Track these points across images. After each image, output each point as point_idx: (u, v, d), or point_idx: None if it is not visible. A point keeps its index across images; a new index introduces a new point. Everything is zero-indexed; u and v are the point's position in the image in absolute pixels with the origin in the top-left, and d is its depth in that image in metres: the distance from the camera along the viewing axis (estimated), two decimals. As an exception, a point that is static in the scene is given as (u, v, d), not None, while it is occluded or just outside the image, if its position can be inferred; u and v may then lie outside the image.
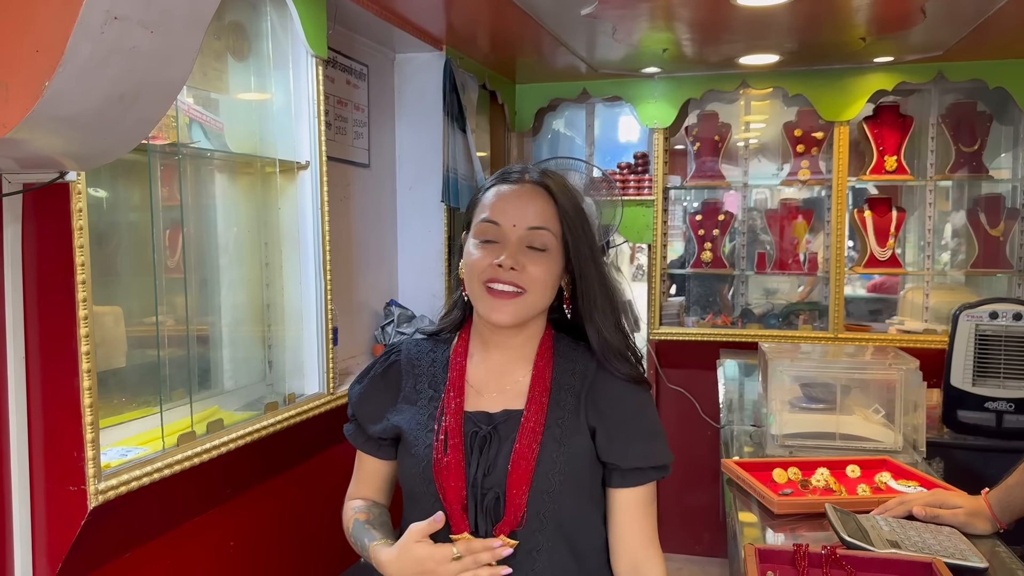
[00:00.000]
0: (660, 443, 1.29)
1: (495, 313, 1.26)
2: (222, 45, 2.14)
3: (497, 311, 1.25)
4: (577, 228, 1.29)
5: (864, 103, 3.63)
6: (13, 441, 1.51)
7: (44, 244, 1.50)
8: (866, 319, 3.96)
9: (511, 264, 1.24)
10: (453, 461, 1.23)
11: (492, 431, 1.25)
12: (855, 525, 1.58)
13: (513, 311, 1.25)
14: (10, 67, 1.08)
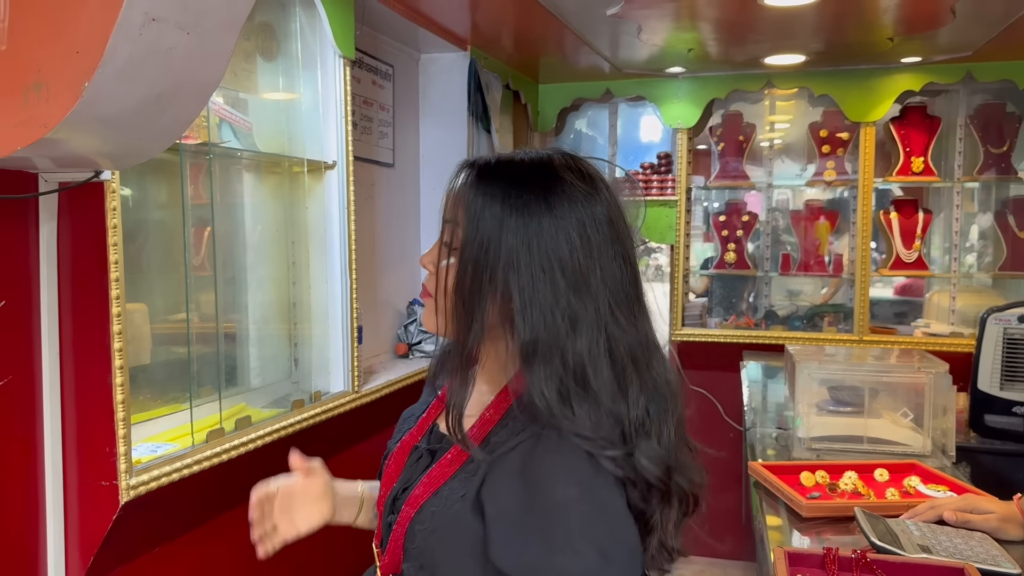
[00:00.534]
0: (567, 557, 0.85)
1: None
2: (252, 45, 2.15)
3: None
4: (482, 211, 0.93)
5: (891, 104, 3.60)
6: (47, 436, 1.53)
7: (78, 242, 1.51)
8: (891, 322, 3.93)
9: (424, 263, 1.04)
10: (391, 469, 1.08)
11: (427, 452, 1.04)
12: (885, 529, 1.57)
13: (424, 319, 1.04)
14: (50, 68, 1.10)
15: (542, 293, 0.91)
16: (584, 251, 0.92)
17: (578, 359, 0.90)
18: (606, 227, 0.94)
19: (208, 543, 1.92)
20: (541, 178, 0.95)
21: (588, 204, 0.94)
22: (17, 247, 1.46)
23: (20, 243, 1.46)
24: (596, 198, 0.95)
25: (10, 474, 1.46)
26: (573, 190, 0.94)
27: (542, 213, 0.92)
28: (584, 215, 0.93)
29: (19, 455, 1.48)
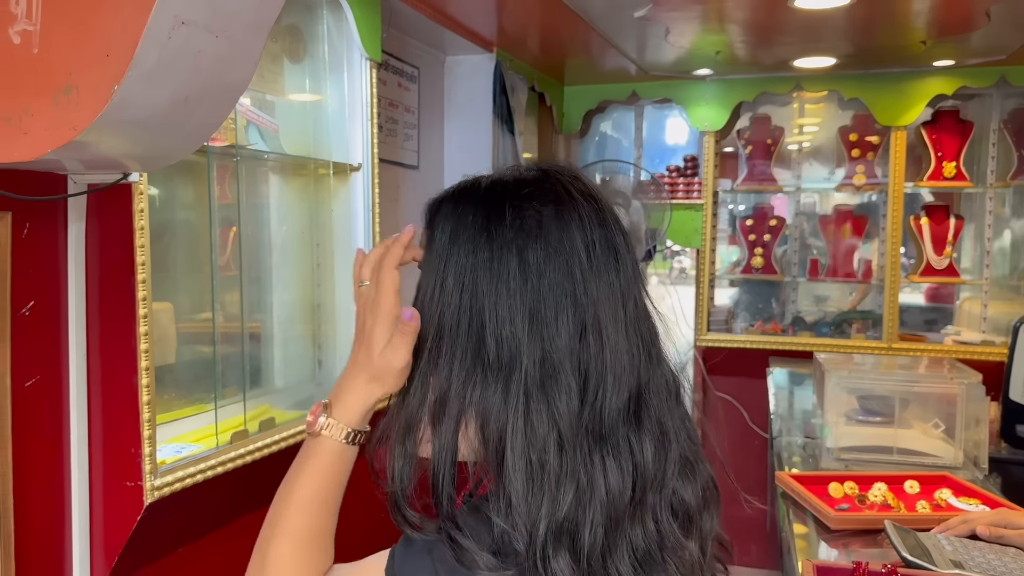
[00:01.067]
0: None
1: None
2: (278, 48, 2.16)
3: None
4: (433, 254, 0.84)
5: (923, 108, 3.55)
6: (73, 436, 1.54)
7: (106, 243, 1.52)
8: (921, 329, 3.87)
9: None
10: None
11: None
12: (916, 543, 1.54)
13: None
14: (80, 71, 1.10)
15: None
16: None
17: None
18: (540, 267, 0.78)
19: (231, 544, 1.92)
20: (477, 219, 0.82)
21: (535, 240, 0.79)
22: (46, 248, 1.47)
23: (49, 244, 1.47)
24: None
25: (37, 473, 1.46)
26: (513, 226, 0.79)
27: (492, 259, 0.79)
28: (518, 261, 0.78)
29: (46, 454, 1.49)
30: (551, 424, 0.73)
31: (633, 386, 0.78)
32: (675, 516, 0.78)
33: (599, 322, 0.77)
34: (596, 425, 0.75)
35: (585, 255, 0.78)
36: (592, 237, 0.79)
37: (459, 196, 0.86)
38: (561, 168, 0.85)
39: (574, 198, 0.81)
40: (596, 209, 0.81)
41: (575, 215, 0.80)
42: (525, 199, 0.80)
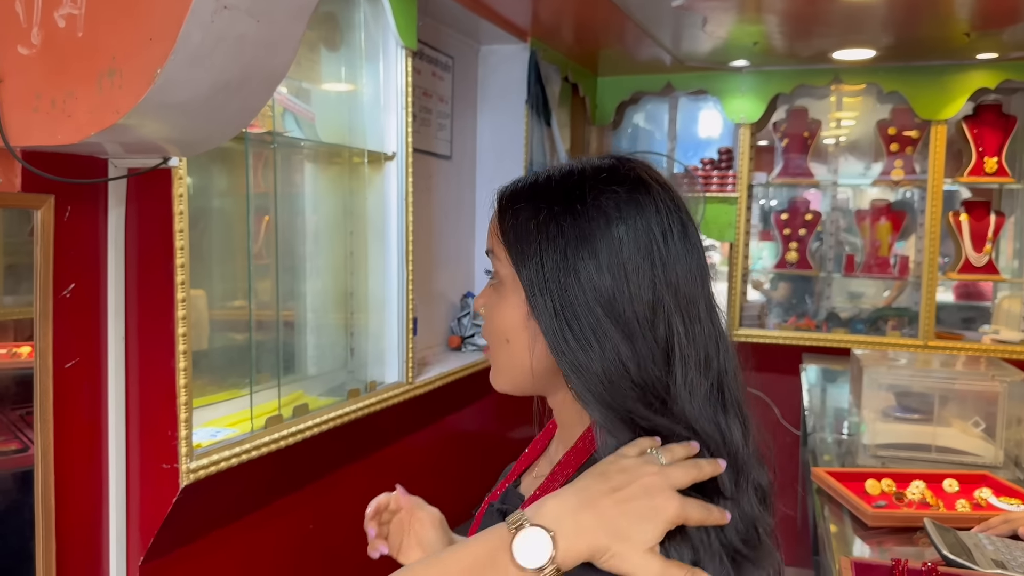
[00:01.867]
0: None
1: None
2: (316, 36, 2.16)
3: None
4: (521, 239, 0.82)
5: (964, 101, 3.48)
6: (111, 418, 1.56)
7: (145, 227, 1.54)
8: (957, 327, 3.80)
9: (476, 307, 0.92)
10: (474, 527, 0.97)
11: (499, 514, 0.91)
12: (956, 542, 1.51)
13: (491, 373, 0.90)
14: (124, 55, 1.11)
15: (590, 323, 0.78)
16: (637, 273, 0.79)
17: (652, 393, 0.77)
18: (662, 241, 0.80)
19: (263, 528, 1.93)
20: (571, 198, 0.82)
21: (639, 217, 0.81)
22: (87, 231, 1.48)
23: (90, 227, 1.49)
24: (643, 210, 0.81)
25: (76, 454, 1.49)
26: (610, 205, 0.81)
27: (580, 237, 0.80)
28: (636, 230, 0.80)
29: (85, 435, 1.51)
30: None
31: (715, 371, 0.80)
32: (762, 501, 0.80)
33: (678, 306, 0.79)
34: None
35: (662, 239, 0.80)
36: (668, 223, 0.81)
37: (536, 187, 0.85)
38: (633, 158, 0.86)
39: (649, 184, 0.82)
40: (671, 196, 0.83)
41: (651, 200, 0.81)
42: (603, 183, 0.82)
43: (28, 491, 1.39)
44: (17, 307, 1.42)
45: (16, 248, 1.41)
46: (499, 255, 0.85)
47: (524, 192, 0.86)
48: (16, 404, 1.42)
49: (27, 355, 1.40)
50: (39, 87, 1.16)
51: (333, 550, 2.19)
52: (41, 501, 1.39)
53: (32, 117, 1.17)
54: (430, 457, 2.69)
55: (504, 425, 3.22)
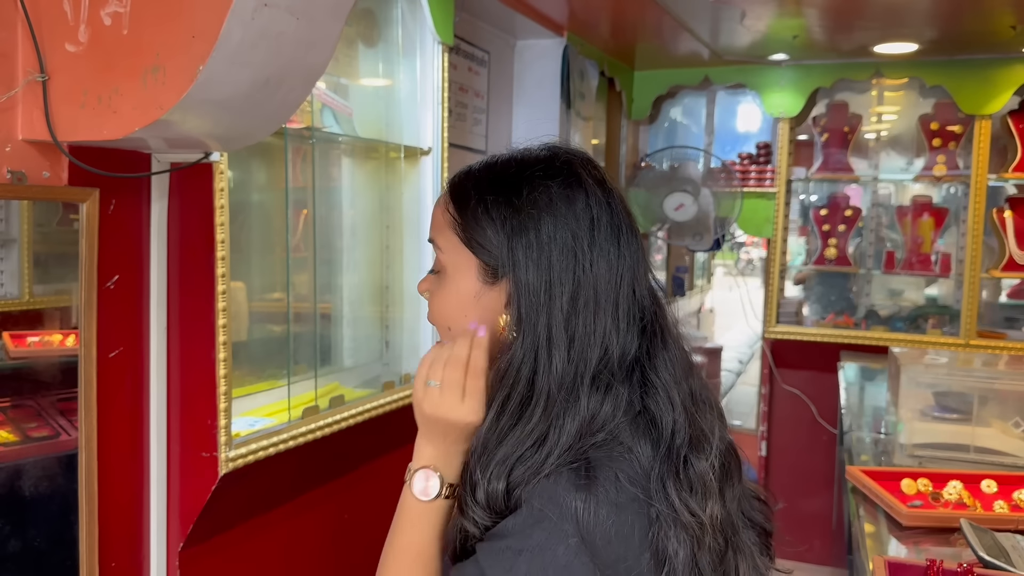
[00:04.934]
0: None
1: None
2: (353, 32, 2.18)
3: None
4: (470, 228, 0.90)
5: (1010, 96, 3.41)
6: (153, 407, 1.59)
7: (187, 220, 1.57)
8: (1001, 326, 3.72)
9: (420, 291, 0.99)
10: None
11: None
12: (993, 543, 1.49)
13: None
14: (168, 52, 1.14)
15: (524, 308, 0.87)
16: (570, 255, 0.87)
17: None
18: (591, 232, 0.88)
19: (298, 517, 1.97)
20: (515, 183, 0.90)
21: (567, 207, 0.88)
22: (131, 224, 1.52)
23: (133, 220, 1.52)
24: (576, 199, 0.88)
25: (119, 442, 1.52)
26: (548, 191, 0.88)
27: (517, 229, 0.88)
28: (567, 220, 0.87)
29: (127, 424, 1.55)
30: (545, 381, 0.84)
31: (617, 354, 0.85)
32: (691, 490, 0.83)
33: (595, 294, 0.85)
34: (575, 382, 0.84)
35: (588, 231, 0.86)
36: (595, 214, 0.87)
37: (482, 173, 0.93)
38: (572, 149, 0.93)
39: (582, 178, 0.88)
40: (603, 190, 0.89)
41: (582, 193, 0.87)
42: (538, 176, 0.88)
43: (59, 477, 1.43)
44: (47, 296, 1.45)
45: (44, 238, 1.44)
46: (441, 244, 0.92)
47: (467, 183, 0.93)
48: (49, 391, 1.45)
49: (59, 343, 1.44)
50: (86, 83, 1.19)
51: (367, 539, 2.22)
52: (84, 487, 1.42)
53: (79, 113, 1.20)
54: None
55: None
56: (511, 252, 0.87)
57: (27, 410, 1.42)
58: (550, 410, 0.83)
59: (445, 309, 0.93)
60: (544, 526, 0.79)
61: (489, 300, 0.89)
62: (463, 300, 0.90)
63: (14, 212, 1.36)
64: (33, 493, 1.39)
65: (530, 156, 0.92)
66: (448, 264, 0.92)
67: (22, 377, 1.42)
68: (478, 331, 0.89)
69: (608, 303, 0.85)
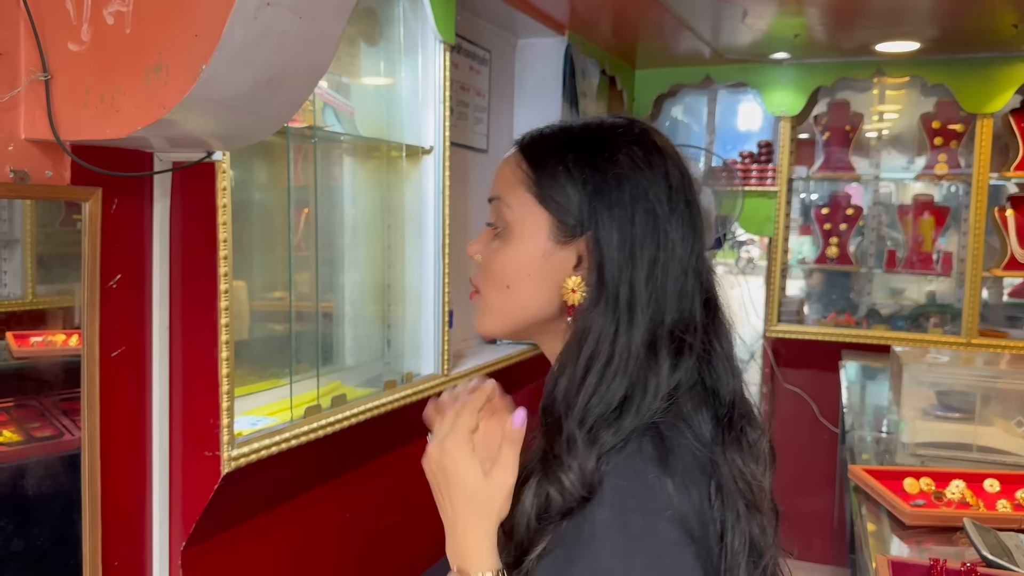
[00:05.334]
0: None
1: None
2: (355, 30, 2.18)
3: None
4: (549, 185, 0.87)
5: (1012, 94, 3.40)
6: (155, 406, 1.59)
7: (189, 220, 1.57)
8: (1002, 325, 3.72)
9: (471, 252, 0.97)
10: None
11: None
12: (996, 542, 1.49)
13: (476, 319, 0.95)
14: (170, 51, 1.13)
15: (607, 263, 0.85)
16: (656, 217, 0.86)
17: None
18: (671, 198, 0.87)
19: (300, 516, 1.97)
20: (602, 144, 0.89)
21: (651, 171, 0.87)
22: (133, 223, 1.52)
23: (136, 220, 1.52)
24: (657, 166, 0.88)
25: (121, 441, 1.52)
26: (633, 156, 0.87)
27: (598, 190, 0.86)
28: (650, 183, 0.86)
29: (130, 423, 1.55)
30: (627, 342, 0.82)
31: (687, 320, 0.85)
32: (755, 459, 0.84)
33: (673, 258, 0.84)
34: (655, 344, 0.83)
35: (667, 197, 0.85)
36: (676, 182, 0.87)
37: (559, 134, 0.92)
38: (645, 121, 0.93)
39: (660, 145, 0.89)
40: (679, 160, 0.89)
41: (662, 159, 0.87)
42: (620, 139, 0.88)
43: (62, 476, 1.43)
44: (50, 296, 1.45)
45: (47, 238, 1.44)
46: (509, 201, 0.89)
47: (543, 142, 0.91)
48: (52, 391, 1.45)
49: (62, 343, 1.43)
50: (88, 83, 1.19)
51: (369, 538, 2.22)
52: (87, 487, 1.43)
53: (81, 112, 1.20)
54: (465, 449, 2.70)
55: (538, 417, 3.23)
56: (592, 211, 0.85)
57: (30, 410, 1.42)
58: (632, 369, 0.81)
59: (507, 267, 0.89)
60: (636, 506, 0.76)
61: (558, 260, 0.86)
62: (529, 259, 0.87)
63: (17, 212, 1.36)
64: (36, 493, 1.39)
65: (607, 121, 0.91)
66: (515, 221, 0.89)
67: (25, 377, 1.42)
68: (515, 420, 0.87)
69: (682, 269, 0.85)
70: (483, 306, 0.93)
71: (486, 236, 0.94)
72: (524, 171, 0.89)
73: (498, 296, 0.91)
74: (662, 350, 0.83)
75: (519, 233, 0.88)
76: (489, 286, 0.92)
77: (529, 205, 0.88)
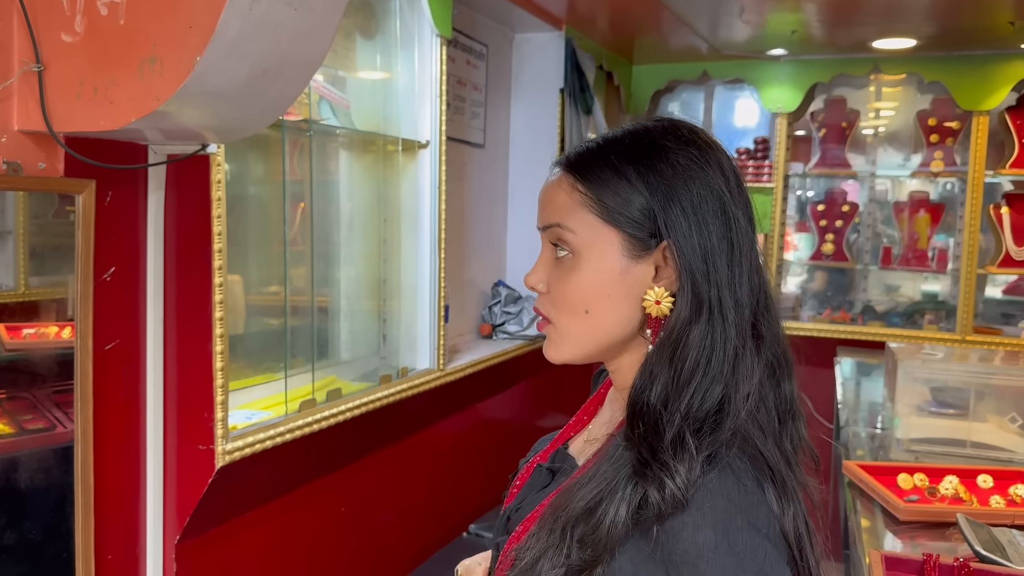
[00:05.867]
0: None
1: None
2: (351, 24, 2.18)
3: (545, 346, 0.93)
4: (611, 199, 0.85)
5: (1007, 92, 3.40)
6: (149, 399, 1.59)
7: (184, 212, 1.56)
8: (997, 322, 3.73)
9: (533, 283, 0.92)
10: (514, 489, 1.00)
11: (548, 472, 0.97)
12: (989, 538, 1.49)
13: (549, 348, 0.91)
14: (165, 43, 1.13)
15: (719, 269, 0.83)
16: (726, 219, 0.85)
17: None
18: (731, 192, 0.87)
19: (295, 510, 1.97)
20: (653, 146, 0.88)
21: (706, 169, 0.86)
22: (127, 216, 1.51)
23: (130, 212, 1.52)
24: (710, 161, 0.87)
25: (114, 434, 1.52)
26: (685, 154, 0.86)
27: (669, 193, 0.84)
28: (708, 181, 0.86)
29: (124, 417, 1.55)
30: (722, 347, 0.82)
31: (760, 312, 0.85)
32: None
33: (743, 253, 0.84)
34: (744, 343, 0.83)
35: (728, 192, 0.85)
36: (731, 175, 0.86)
37: (610, 147, 0.89)
38: (684, 120, 0.91)
39: (710, 143, 0.88)
40: (726, 154, 0.89)
41: (715, 156, 0.87)
42: (673, 143, 0.86)
43: (55, 469, 1.42)
44: (42, 288, 1.44)
45: (40, 230, 1.44)
46: (572, 226, 0.86)
47: (593, 159, 0.88)
48: (45, 383, 1.45)
49: (54, 335, 1.43)
50: (82, 74, 1.19)
51: (363, 532, 2.22)
52: (81, 479, 1.42)
53: (75, 104, 1.20)
54: (459, 443, 2.71)
55: (533, 413, 3.24)
56: (666, 218, 0.83)
57: (22, 402, 1.42)
58: (727, 374, 0.81)
59: (584, 292, 0.86)
60: (740, 523, 0.75)
61: (636, 275, 0.84)
62: (606, 279, 0.85)
63: (9, 204, 1.36)
64: (29, 485, 1.39)
65: (653, 127, 0.90)
66: (583, 246, 0.86)
67: (17, 369, 1.42)
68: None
69: (750, 262, 0.85)
70: (557, 335, 0.90)
71: (545, 263, 0.91)
72: (582, 191, 0.86)
73: (576, 323, 0.88)
74: (749, 348, 0.82)
75: (589, 256, 0.86)
76: (564, 314, 0.88)
77: (596, 226, 0.85)
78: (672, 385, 0.81)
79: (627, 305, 0.85)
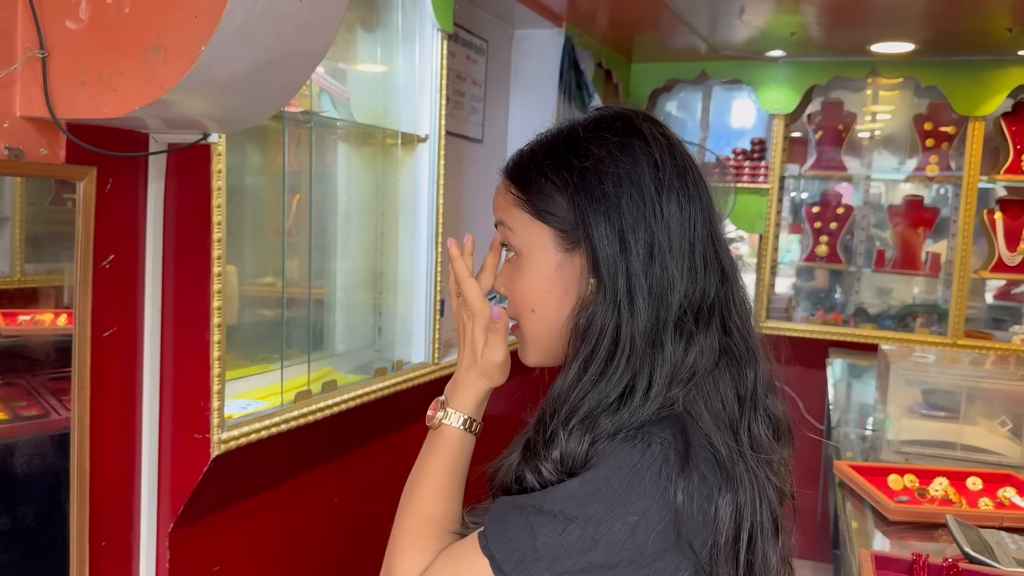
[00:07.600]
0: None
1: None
2: (353, 16, 2.18)
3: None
4: (539, 199, 0.88)
5: (1004, 98, 3.43)
6: (146, 387, 1.59)
7: (184, 202, 1.56)
8: (988, 327, 3.75)
9: (497, 287, 0.97)
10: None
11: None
12: (978, 539, 1.51)
13: (520, 353, 0.95)
14: (169, 31, 1.13)
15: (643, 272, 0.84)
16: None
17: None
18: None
19: (288, 501, 1.97)
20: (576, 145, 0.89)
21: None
22: (127, 204, 1.51)
23: (130, 200, 1.52)
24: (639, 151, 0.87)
25: (111, 422, 1.52)
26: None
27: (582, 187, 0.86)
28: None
29: (119, 404, 1.55)
30: (628, 332, 0.82)
31: (698, 298, 0.84)
32: (774, 434, 0.87)
33: (669, 238, 0.83)
34: (657, 330, 0.83)
35: (653, 175, 0.85)
36: (658, 157, 0.86)
37: (535, 147, 0.93)
38: (624, 107, 0.93)
39: (636, 125, 0.88)
40: (662, 133, 0.89)
41: (640, 138, 0.87)
42: (591, 132, 0.88)
43: (50, 456, 1.42)
44: (39, 275, 1.44)
45: (37, 216, 1.43)
46: (511, 225, 0.91)
47: (522, 160, 0.92)
48: (40, 370, 1.44)
49: (50, 322, 1.43)
50: (86, 61, 1.19)
51: (356, 524, 2.23)
52: (76, 467, 1.42)
53: (78, 91, 1.20)
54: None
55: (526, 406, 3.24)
56: (580, 211, 0.85)
57: (17, 388, 1.42)
58: (634, 361, 0.81)
59: (528, 291, 0.89)
60: (604, 496, 0.76)
61: (571, 269, 0.87)
62: (546, 275, 0.88)
63: (7, 190, 1.35)
64: (23, 472, 1.39)
65: (579, 119, 0.91)
66: (522, 244, 0.89)
67: (13, 355, 1.41)
68: (494, 315, 0.93)
69: (683, 246, 0.83)
70: (522, 338, 0.93)
71: (505, 267, 0.94)
72: (514, 193, 0.90)
73: (528, 323, 0.91)
74: (668, 336, 0.82)
75: (529, 253, 0.89)
76: (519, 316, 0.92)
77: (529, 224, 0.89)
78: (574, 375, 0.84)
79: (569, 300, 0.87)
